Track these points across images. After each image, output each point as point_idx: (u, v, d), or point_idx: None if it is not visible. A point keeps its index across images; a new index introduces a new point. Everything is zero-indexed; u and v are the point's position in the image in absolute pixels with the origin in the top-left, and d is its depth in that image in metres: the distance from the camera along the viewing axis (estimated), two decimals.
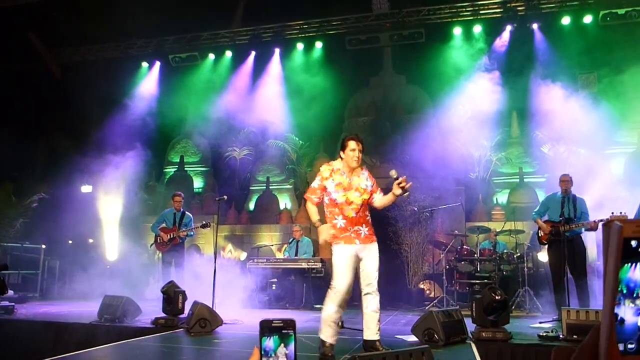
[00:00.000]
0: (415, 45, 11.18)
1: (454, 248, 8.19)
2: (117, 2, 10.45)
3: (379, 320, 4.04)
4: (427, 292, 8.94)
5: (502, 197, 10.79)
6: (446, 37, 11.07)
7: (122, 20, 10.99)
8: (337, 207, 4.11)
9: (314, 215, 4.16)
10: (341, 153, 4.19)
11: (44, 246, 10.11)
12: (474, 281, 8.04)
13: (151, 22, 11.14)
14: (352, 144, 4.10)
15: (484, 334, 4.71)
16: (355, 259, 4.02)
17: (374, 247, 4.14)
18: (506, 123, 11.11)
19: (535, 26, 10.72)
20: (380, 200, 4.17)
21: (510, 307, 6.68)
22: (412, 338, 4.87)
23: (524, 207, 9.91)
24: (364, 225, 4.10)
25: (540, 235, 6.47)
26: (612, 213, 5.89)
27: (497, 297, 4.70)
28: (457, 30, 11.02)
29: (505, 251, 8.11)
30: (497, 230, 8.45)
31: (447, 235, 8.75)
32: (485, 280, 7.84)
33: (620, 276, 0.69)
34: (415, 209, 9.04)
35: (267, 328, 1.12)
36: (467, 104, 10.40)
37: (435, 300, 7.87)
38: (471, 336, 4.86)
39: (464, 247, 8.30)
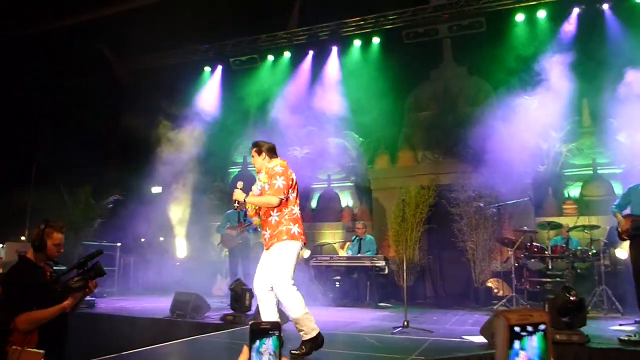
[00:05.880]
0: (476, 35, 10.79)
1: (523, 245, 7.87)
2: (178, 10, 10.84)
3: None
4: (495, 290, 8.65)
5: (574, 191, 10.24)
6: (508, 24, 10.61)
7: (184, 28, 11.38)
8: None
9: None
10: None
11: (119, 244, 10.70)
12: (545, 279, 7.70)
13: (212, 27, 11.48)
14: None
15: (558, 336, 4.49)
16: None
17: (272, 249, 4.02)
18: (576, 112, 10.50)
19: (605, 6, 10.05)
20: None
21: (587, 307, 6.35)
22: (480, 339, 4.74)
23: (598, 200, 9.37)
24: (267, 229, 4.09)
25: (619, 230, 6.06)
26: None
27: (571, 298, 4.47)
28: (520, 17, 10.54)
29: (579, 248, 7.69)
30: (570, 225, 8.03)
31: (516, 231, 8.42)
32: (558, 279, 7.49)
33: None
34: (481, 204, 8.79)
35: (258, 331, 1.19)
36: (534, 93, 9.95)
37: (504, 300, 7.61)
38: None
39: (534, 243, 7.95)
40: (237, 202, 4.11)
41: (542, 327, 0.95)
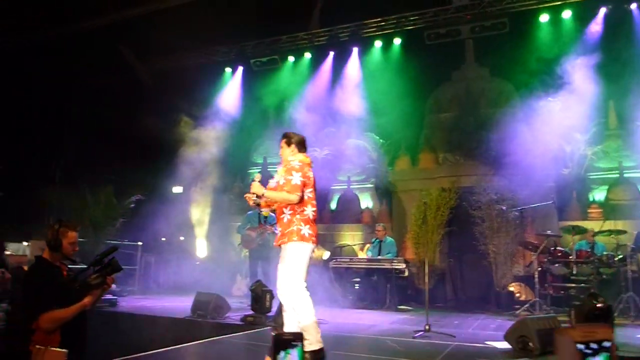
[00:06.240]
0: (499, 35, 10.65)
1: (547, 249, 7.72)
2: (199, 11, 10.91)
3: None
4: (517, 295, 8.52)
5: (599, 195, 10.01)
6: (532, 25, 10.43)
7: (205, 29, 11.45)
8: None
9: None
10: None
11: (140, 243, 10.81)
12: (569, 285, 7.55)
13: (233, 28, 11.52)
14: None
15: None
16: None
17: (284, 248, 3.90)
18: (602, 114, 10.28)
19: (633, 6, 9.82)
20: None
21: (613, 314, 6.19)
22: (504, 345, 4.66)
23: (625, 204, 9.15)
24: (279, 226, 4.03)
25: None
26: None
27: (598, 304, 4.38)
28: (544, 17, 10.36)
29: (604, 253, 7.52)
30: (595, 230, 7.85)
31: (539, 235, 8.27)
32: (582, 285, 7.34)
33: None
34: (503, 207, 8.65)
35: (281, 342, 1.17)
36: (557, 95, 9.76)
37: (527, 304, 7.47)
38: None
39: (557, 248, 7.80)
40: (255, 195, 4.01)
41: (606, 344, 0.85)
